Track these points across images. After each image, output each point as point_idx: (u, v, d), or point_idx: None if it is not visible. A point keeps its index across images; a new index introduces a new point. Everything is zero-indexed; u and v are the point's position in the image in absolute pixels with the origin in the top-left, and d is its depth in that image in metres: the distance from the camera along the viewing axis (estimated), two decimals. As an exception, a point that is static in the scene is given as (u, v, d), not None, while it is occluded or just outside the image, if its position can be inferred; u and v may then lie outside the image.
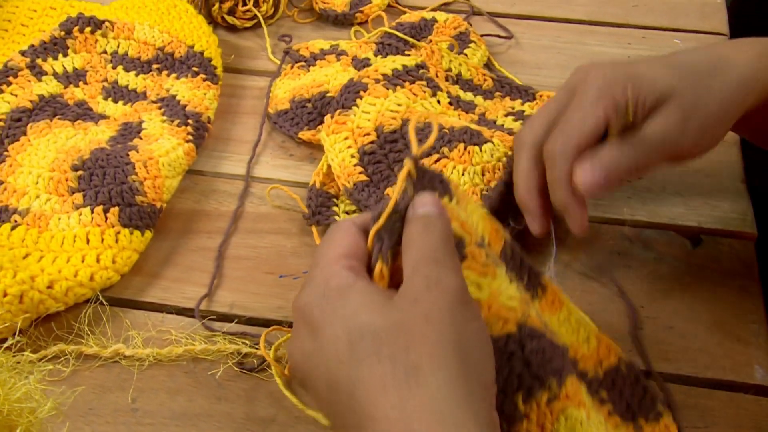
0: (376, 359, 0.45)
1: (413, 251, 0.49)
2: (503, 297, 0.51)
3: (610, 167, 0.64)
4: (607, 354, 0.65)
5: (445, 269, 0.48)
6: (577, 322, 0.65)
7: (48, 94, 0.87)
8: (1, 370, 0.52)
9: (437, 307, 0.46)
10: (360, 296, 0.48)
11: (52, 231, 0.76)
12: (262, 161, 0.88)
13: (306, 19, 1.08)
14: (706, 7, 1.09)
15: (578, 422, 0.51)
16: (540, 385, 0.51)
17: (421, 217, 0.50)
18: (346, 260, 0.50)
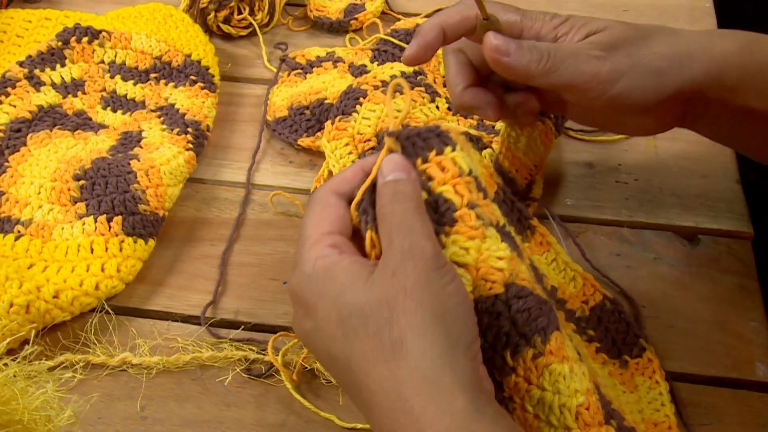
0: (364, 335, 0.48)
1: (386, 222, 0.52)
2: (492, 259, 0.54)
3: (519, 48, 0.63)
4: (592, 292, 0.70)
5: (417, 236, 0.50)
6: (563, 262, 0.69)
7: (47, 105, 0.87)
8: (17, 379, 0.52)
9: (413, 277, 0.49)
10: (345, 274, 0.51)
11: (55, 241, 0.76)
12: (262, 168, 0.89)
13: (301, 26, 1.09)
14: (696, 11, 1.11)
15: (561, 376, 0.55)
16: (525, 342, 0.55)
17: (390, 183, 0.53)
18: (330, 238, 0.53)
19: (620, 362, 0.69)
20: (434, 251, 0.50)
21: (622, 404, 0.65)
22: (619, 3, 1.12)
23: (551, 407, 0.55)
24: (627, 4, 1.12)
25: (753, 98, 0.64)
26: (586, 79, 0.62)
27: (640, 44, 0.64)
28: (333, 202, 0.55)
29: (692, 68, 0.63)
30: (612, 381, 0.67)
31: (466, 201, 0.55)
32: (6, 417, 0.48)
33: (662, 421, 0.65)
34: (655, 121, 0.68)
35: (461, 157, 0.56)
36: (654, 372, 0.68)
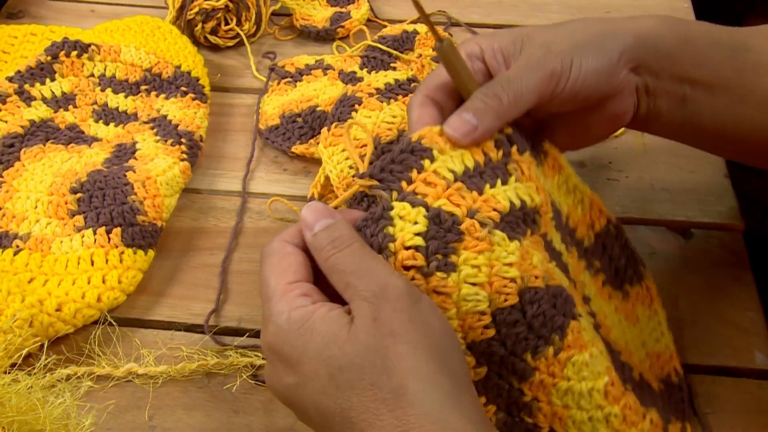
0: (361, 387, 0.48)
1: (338, 272, 0.51)
2: (503, 270, 0.56)
3: (476, 110, 0.61)
4: (598, 216, 0.71)
5: (381, 275, 0.50)
6: (573, 185, 0.70)
7: (39, 119, 0.87)
8: (33, 390, 0.52)
9: (397, 319, 0.49)
10: (325, 326, 0.50)
11: (55, 254, 0.76)
12: (256, 177, 0.89)
13: (287, 36, 1.09)
14: (675, 11, 1.12)
15: (584, 364, 0.58)
16: (545, 342, 0.57)
17: (322, 233, 0.52)
18: (297, 287, 0.52)
19: (623, 294, 0.71)
20: (405, 286, 0.50)
21: (628, 342, 0.68)
22: (600, 4, 1.14)
23: (581, 393, 0.58)
24: (608, 6, 1.14)
25: (689, 67, 0.66)
26: (548, 81, 0.63)
27: (568, 31, 0.65)
28: (290, 250, 0.54)
29: (625, 37, 0.65)
30: (617, 317, 0.70)
31: (466, 210, 0.56)
32: (27, 427, 0.48)
33: (663, 352, 0.69)
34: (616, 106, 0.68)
35: (442, 163, 0.58)
36: (652, 300, 0.72)
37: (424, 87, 0.66)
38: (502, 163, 0.60)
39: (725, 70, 0.66)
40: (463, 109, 0.61)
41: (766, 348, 0.72)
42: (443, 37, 0.61)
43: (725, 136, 0.69)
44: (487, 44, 0.66)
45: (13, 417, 0.48)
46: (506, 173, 0.60)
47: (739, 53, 0.66)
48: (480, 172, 0.59)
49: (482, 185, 0.58)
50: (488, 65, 0.66)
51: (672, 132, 0.72)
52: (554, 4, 1.15)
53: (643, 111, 0.68)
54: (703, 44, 0.66)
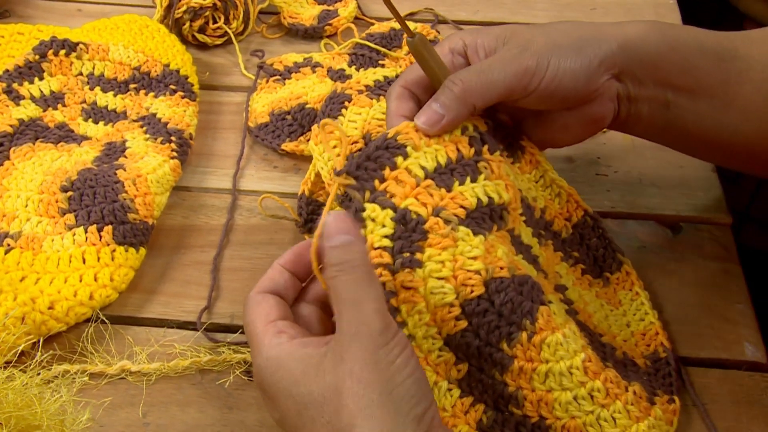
0: (320, 424, 0.50)
1: (335, 294, 0.53)
2: (467, 263, 0.59)
3: (443, 100, 0.63)
4: (575, 208, 0.74)
5: (365, 312, 0.51)
6: (550, 179, 0.73)
7: (28, 118, 0.87)
8: (28, 386, 0.52)
9: (360, 358, 0.50)
10: (296, 364, 0.52)
11: (46, 252, 0.76)
12: (247, 174, 0.89)
13: (275, 34, 1.09)
14: (660, 8, 1.14)
15: (558, 344, 0.60)
16: (517, 327, 0.60)
17: (337, 250, 0.53)
18: (273, 326, 0.55)
19: (603, 281, 0.73)
20: (381, 326, 0.51)
21: (612, 325, 0.71)
22: (586, 2, 1.15)
23: (561, 373, 0.60)
24: (594, 2, 1.15)
25: (674, 74, 0.67)
26: (520, 77, 0.64)
27: (551, 32, 0.66)
28: (260, 298, 0.57)
29: (609, 43, 0.66)
30: (599, 302, 0.72)
31: (431, 209, 0.60)
32: (24, 422, 0.48)
33: (648, 329, 0.71)
34: (595, 110, 0.68)
35: (414, 160, 0.61)
36: (633, 284, 0.74)
37: (402, 78, 0.68)
38: (473, 161, 0.63)
39: (710, 78, 0.67)
40: (432, 100, 0.64)
41: (755, 340, 0.72)
42: (414, 33, 0.63)
43: (707, 141, 0.70)
44: (471, 40, 0.68)
45: (11, 413, 0.48)
46: (476, 171, 0.63)
47: (724, 61, 0.67)
48: (451, 168, 0.62)
49: (451, 182, 0.61)
50: (470, 60, 0.68)
51: (653, 135, 0.73)
52: (542, 1, 1.15)
53: (623, 115, 0.69)
54: (689, 51, 0.67)
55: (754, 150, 0.69)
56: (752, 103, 0.67)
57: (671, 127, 0.70)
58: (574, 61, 0.65)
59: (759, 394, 0.69)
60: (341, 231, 0.54)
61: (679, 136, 0.71)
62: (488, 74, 0.64)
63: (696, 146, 0.73)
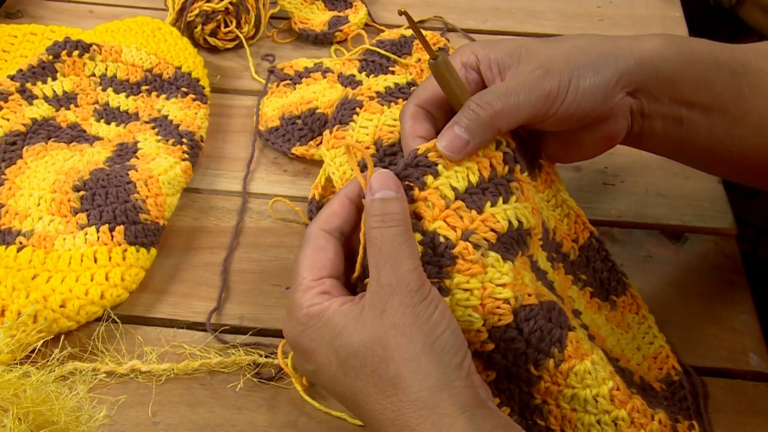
0: (364, 374, 0.53)
1: (374, 248, 0.55)
2: (496, 291, 0.58)
3: (468, 123, 0.61)
4: (582, 229, 0.73)
5: (403, 269, 0.54)
6: (561, 199, 0.72)
7: (41, 118, 0.88)
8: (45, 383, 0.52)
9: (401, 312, 0.53)
10: (337, 318, 0.55)
11: (58, 251, 0.76)
12: (257, 177, 0.90)
13: (286, 39, 1.10)
14: (667, 21, 1.14)
15: (586, 372, 0.60)
16: (545, 355, 0.59)
17: (378, 202, 0.56)
18: (320, 284, 0.57)
19: (610, 304, 0.73)
20: (419, 283, 0.54)
21: (624, 349, 0.70)
22: (594, 13, 1.16)
23: (586, 400, 0.60)
24: (602, 14, 1.15)
25: (689, 90, 0.66)
26: (543, 100, 0.63)
27: (570, 51, 0.65)
28: (323, 244, 0.59)
29: (626, 60, 0.65)
30: (610, 326, 0.72)
31: (461, 233, 0.58)
32: (42, 418, 0.49)
33: (659, 352, 0.71)
34: (609, 127, 0.68)
35: (445, 180, 0.59)
36: (639, 307, 0.74)
37: (416, 97, 0.67)
38: (506, 180, 0.62)
39: (724, 93, 0.67)
40: (454, 122, 0.62)
41: (760, 350, 0.73)
42: (437, 54, 0.61)
43: (718, 156, 0.70)
44: (484, 54, 0.66)
45: (29, 408, 0.49)
46: (508, 191, 0.61)
47: (738, 75, 0.67)
48: (483, 188, 0.61)
49: (483, 203, 0.60)
50: (483, 75, 0.67)
51: (665, 150, 0.73)
52: (549, 12, 1.16)
53: (636, 131, 0.69)
54: (705, 67, 0.67)
55: (764, 164, 0.70)
56: (765, 118, 0.67)
57: (683, 142, 0.69)
58: (593, 81, 0.64)
59: (764, 404, 0.69)
60: (385, 187, 0.56)
61: (691, 151, 0.71)
62: (513, 98, 0.62)
63: (707, 161, 0.73)
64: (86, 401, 0.52)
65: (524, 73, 0.64)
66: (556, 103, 0.64)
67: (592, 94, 0.64)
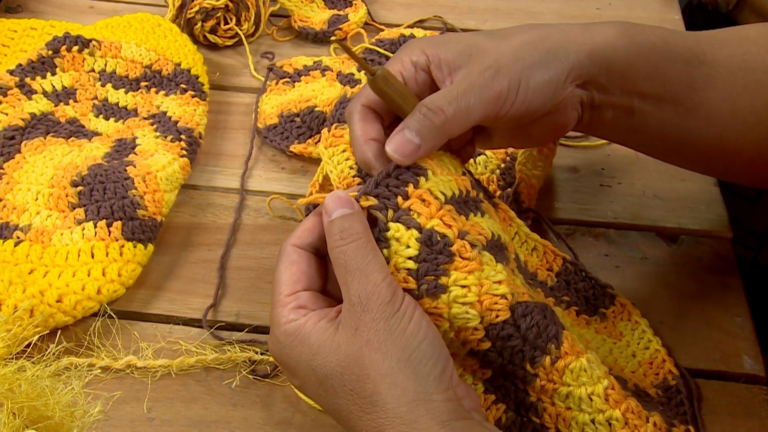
0: (343, 393, 0.54)
1: (340, 265, 0.55)
2: (492, 287, 0.58)
3: (419, 129, 0.60)
4: (553, 258, 0.74)
5: (371, 282, 0.54)
6: (524, 234, 0.73)
7: (39, 112, 0.88)
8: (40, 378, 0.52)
9: (374, 328, 0.53)
10: (313, 337, 0.55)
11: (55, 246, 0.77)
12: (255, 175, 0.90)
13: (285, 37, 1.10)
14: (666, 24, 1.15)
15: (582, 370, 0.60)
16: (542, 352, 0.59)
17: (337, 221, 0.56)
18: (294, 299, 0.57)
19: (599, 317, 0.73)
20: (389, 294, 0.54)
21: (618, 359, 0.70)
22: (593, 15, 1.16)
23: (581, 398, 0.60)
24: (601, 16, 1.16)
25: (640, 81, 0.66)
26: (494, 102, 0.62)
27: (519, 48, 0.64)
28: (295, 258, 0.59)
29: (577, 54, 0.64)
30: (601, 338, 0.72)
31: (457, 231, 0.58)
32: (36, 413, 0.49)
33: (654, 356, 0.71)
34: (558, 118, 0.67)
35: (435, 184, 0.59)
36: (630, 314, 0.74)
37: (363, 97, 0.65)
38: (479, 200, 0.63)
39: (676, 84, 0.66)
40: (404, 126, 0.60)
41: (754, 353, 0.73)
42: (374, 71, 0.61)
43: (670, 146, 0.70)
44: (434, 54, 0.65)
45: (23, 403, 0.49)
46: (481, 209, 0.63)
47: (691, 66, 0.66)
48: (464, 200, 0.61)
49: (467, 212, 0.61)
50: (433, 76, 0.65)
51: (616, 138, 0.73)
52: (549, 13, 1.16)
53: (586, 120, 0.68)
54: (657, 57, 0.66)
55: (715, 154, 0.70)
56: (716, 110, 0.67)
57: (633, 131, 0.69)
58: (542, 77, 0.63)
59: (757, 406, 0.70)
60: (340, 206, 0.56)
61: (641, 139, 0.71)
62: (464, 102, 0.61)
63: (658, 149, 0.73)
64: (81, 396, 0.52)
65: (474, 74, 0.62)
66: (507, 104, 0.62)
67: (541, 92, 0.63)
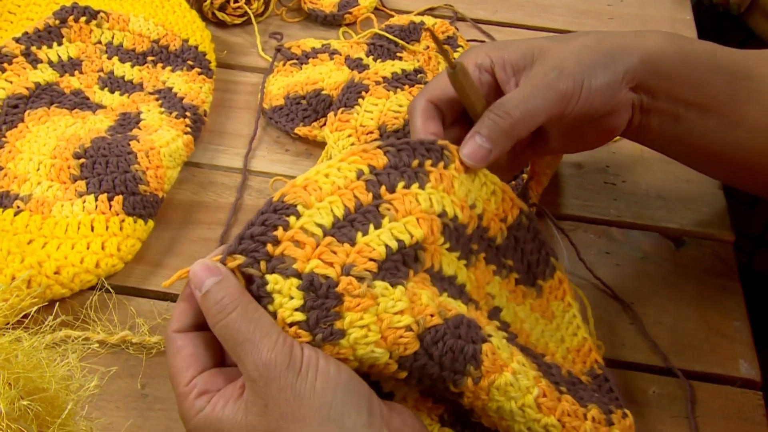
0: None
1: (227, 341, 0.51)
2: (394, 320, 0.54)
3: (488, 134, 0.62)
4: (510, 207, 0.67)
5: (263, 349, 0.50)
6: (485, 176, 0.66)
7: (44, 82, 0.87)
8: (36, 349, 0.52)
9: (283, 399, 0.50)
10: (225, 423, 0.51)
11: (55, 217, 0.76)
12: (258, 155, 0.90)
13: (294, 18, 1.10)
14: (677, 23, 1.14)
15: (508, 385, 0.57)
16: (461, 375, 0.56)
17: (207, 295, 0.52)
18: (192, 388, 0.53)
19: (536, 290, 0.69)
20: (287, 358, 0.50)
21: (549, 342, 0.68)
22: (604, 11, 1.16)
23: (512, 411, 0.57)
24: (612, 13, 1.15)
25: (686, 89, 0.67)
26: (559, 102, 0.64)
27: (580, 50, 0.66)
28: (180, 344, 0.55)
29: (632, 57, 0.66)
30: (534, 316, 0.69)
31: (340, 269, 0.54)
32: (32, 385, 0.49)
33: (582, 345, 0.69)
34: (612, 121, 0.69)
35: (309, 217, 0.55)
36: (565, 293, 0.70)
37: (428, 93, 0.67)
38: (374, 206, 0.57)
39: (721, 95, 0.67)
40: (475, 132, 0.63)
41: (750, 357, 0.73)
42: (455, 64, 0.62)
43: (711, 156, 0.71)
44: (497, 56, 0.67)
45: (19, 374, 0.49)
46: (378, 216, 0.57)
47: (737, 79, 0.68)
48: (351, 220, 0.56)
49: (354, 235, 0.55)
50: (497, 77, 0.67)
51: (659, 146, 0.74)
52: (559, 6, 1.16)
53: (634, 125, 0.70)
54: (704, 67, 0.67)
55: (756, 168, 0.71)
56: (759, 124, 0.68)
57: (678, 139, 0.70)
58: (602, 79, 0.65)
59: (751, 411, 0.70)
60: (208, 276, 0.52)
61: (685, 149, 0.72)
62: (531, 104, 0.63)
63: (700, 160, 0.74)
64: (77, 370, 0.52)
65: (538, 76, 0.65)
66: (571, 104, 0.64)
67: (602, 93, 0.65)
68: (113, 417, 0.66)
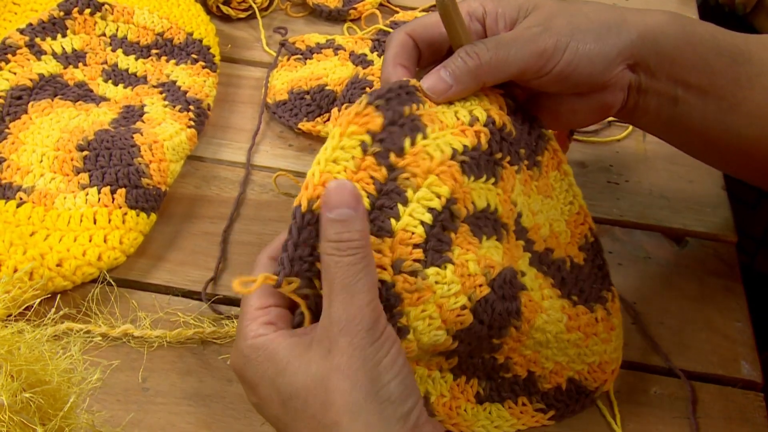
0: (304, 416, 0.50)
1: (329, 276, 0.50)
2: (450, 301, 0.56)
3: (454, 69, 0.61)
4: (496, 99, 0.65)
5: (356, 305, 0.50)
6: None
7: (48, 74, 0.87)
8: (39, 341, 0.52)
9: (348, 354, 0.49)
10: (281, 353, 0.51)
11: (58, 210, 0.76)
12: (261, 150, 0.89)
13: (299, 13, 1.09)
14: (683, 6, 1.14)
15: (544, 323, 0.62)
16: (506, 330, 0.60)
17: (336, 225, 0.50)
18: (265, 314, 0.53)
19: (537, 169, 0.67)
20: (371, 321, 0.50)
21: (552, 224, 0.68)
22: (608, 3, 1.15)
23: (548, 340, 0.63)
24: (618, 11, 1.15)
25: (687, 71, 0.66)
26: (536, 58, 0.62)
27: (574, 13, 0.64)
28: (266, 273, 0.54)
29: (630, 32, 0.64)
30: (539, 198, 0.68)
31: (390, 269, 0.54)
32: (34, 377, 0.49)
33: (577, 212, 0.69)
34: (605, 97, 0.67)
35: None
36: (560, 162, 0.69)
37: (411, 26, 0.66)
38: (392, 179, 0.56)
39: (721, 79, 0.66)
40: (442, 66, 0.61)
41: (752, 358, 0.73)
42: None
43: (710, 142, 0.70)
44: (492, 7, 0.65)
45: (22, 366, 0.49)
46: (401, 191, 0.56)
47: (738, 63, 0.67)
48: (379, 206, 0.56)
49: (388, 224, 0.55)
50: (487, 28, 0.66)
51: (656, 129, 0.73)
52: (565, 4, 1.15)
53: (630, 105, 0.68)
54: (705, 49, 0.66)
55: (753, 155, 0.69)
56: (759, 109, 0.67)
57: (675, 122, 0.69)
58: (592, 47, 0.63)
59: (752, 412, 0.70)
60: (343, 203, 0.51)
61: (681, 132, 0.71)
62: (503, 51, 0.61)
63: (696, 145, 0.73)
64: (80, 363, 0.52)
65: (521, 28, 0.63)
66: (551, 63, 0.62)
67: (589, 60, 0.63)
68: (114, 410, 0.66)
